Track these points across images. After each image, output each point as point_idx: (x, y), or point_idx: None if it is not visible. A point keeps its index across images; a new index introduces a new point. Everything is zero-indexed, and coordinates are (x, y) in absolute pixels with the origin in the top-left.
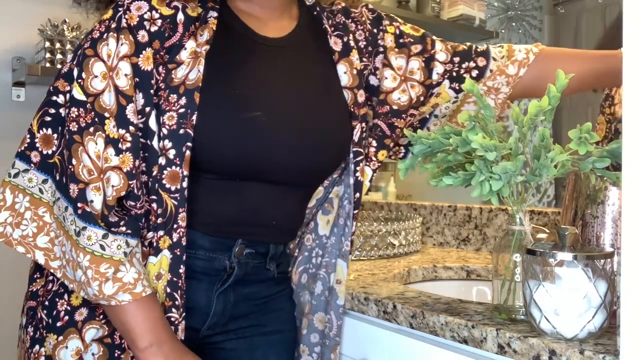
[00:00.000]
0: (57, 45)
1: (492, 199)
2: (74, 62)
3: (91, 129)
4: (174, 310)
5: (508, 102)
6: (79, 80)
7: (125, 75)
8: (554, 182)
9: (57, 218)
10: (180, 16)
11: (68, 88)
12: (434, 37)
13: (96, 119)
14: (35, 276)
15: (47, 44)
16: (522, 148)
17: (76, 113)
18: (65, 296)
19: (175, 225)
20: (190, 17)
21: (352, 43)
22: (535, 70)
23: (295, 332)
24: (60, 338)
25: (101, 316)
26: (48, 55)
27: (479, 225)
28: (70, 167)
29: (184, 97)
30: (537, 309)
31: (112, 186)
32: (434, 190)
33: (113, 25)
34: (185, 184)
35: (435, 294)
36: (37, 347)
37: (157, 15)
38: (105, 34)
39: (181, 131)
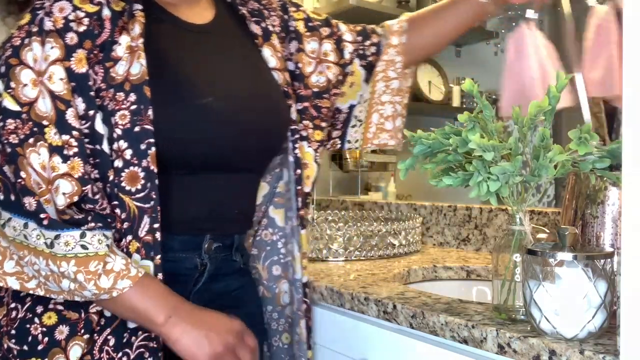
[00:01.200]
0: None
1: (490, 200)
2: None
3: (31, 140)
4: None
5: (406, 72)
6: (9, 91)
7: (61, 79)
8: (554, 182)
9: (14, 240)
10: (106, 12)
11: None
12: (335, 20)
13: (35, 129)
14: None
15: None
16: (522, 148)
17: (13, 125)
18: (36, 319)
19: (142, 227)
20: (116, 12)
21: (270, 28)
22: (413, 34)
23: (264, 324)
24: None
25: (82, 331)
26: None
27: (479, 225)
28: (20, 180)
29: (132, 94)
30: (537, 309)
31: (64, 193)
32: (434, 190)
33: (34, 29)
34: (150, 184)
35: (435, 294)
36: None
37: (82, 14)
38: (27, 39)
39: (137, 129)
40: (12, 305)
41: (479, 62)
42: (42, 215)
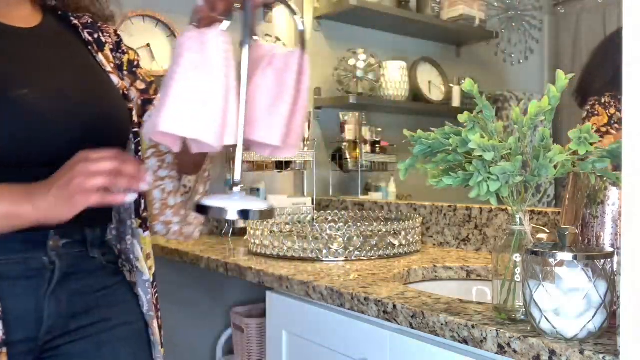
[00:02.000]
0: None
1: (490, 200)
2: None
3: None
4: None
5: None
6: None
7: None
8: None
9: None
10: None
11: None
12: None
13: None
14: None
15: None
16: (522, 148)
17: None
18: None
19: None
20: None
21: (103, 40)
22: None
23: (145, 323)
24: None
25: None
26: None
27: (479, 225)
28: None
29: None
30: (537, 309)
31: None
32: (434, 190)
33: None
34: None
35: (435, 294)
36: None
37: None
38: None
39: None
40: None
41: (479, 62)
42: None
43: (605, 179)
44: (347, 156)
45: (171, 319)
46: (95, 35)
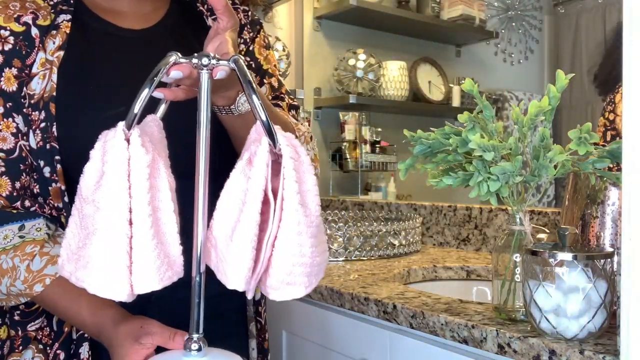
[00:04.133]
0: None
1: (490, 200)
2: None
3: None
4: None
5: None
6: None
7: None
8: (554, 182)
9: None
10: (35, 30)
11: None
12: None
13: None
14: None
15: None
16: (522, 148)
17: None
18: None
19: None
20: (43, 27)
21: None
22: None
23: None
24: None
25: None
26: None
27: (479, 225)
28: None
29: (43, 111)
30: (537, 309)
31: None
32: (434, 191)
33: None
34: (67, 199)
35: (435, 294)
36: None
37: (7, 33)
38: None
39: (47, 146)
40: None
41: (479, 62)
42: None
43: (605, 179)
44: (347, 156)
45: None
46: None
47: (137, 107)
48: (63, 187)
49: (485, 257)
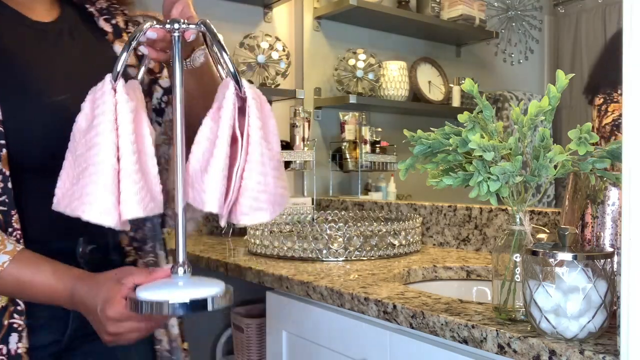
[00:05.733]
0: None
1: (490, 200)
2: None
3: None
4: (16, 316)
5: None
6: None
7: None
8: (554, 182)
9: None
10: None
11: None
12: None
13: None
14: None
15: None
16: (522, 148)
17: None
18: None
19: (10, 231)
20: None
21: (121, 25)
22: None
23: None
24: None
25: None
26: None
27: (479, 225)
28: None
29: None
30: (537, 309)
31: None
32: (434, 191)
33: None
34: (4, 187)
35: (435, 294)
36: None
37: None
38: None
39: None
40: None
41: (479, 62)
42: None
43: (605, 179)
44: (347, 156)
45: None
46: (112, 21)
47: (120, 65)
48: (6, 172)
49: (485, 257)
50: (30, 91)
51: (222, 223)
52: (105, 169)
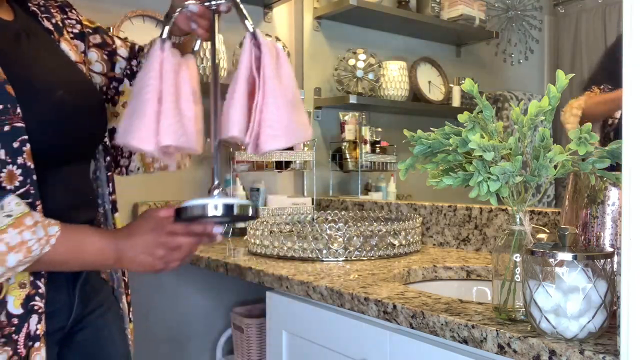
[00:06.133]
0: None
1: (490, 200)
2: None
3: None
4: (37, 298)
5: None
6: None
7: None
8: (554, 182)
9: None
10: None
11: None
12: (111, 32)
13: None
14: None
15: None
16: (522, 148)
17: None
18: None
19: None
20: None
21: (60, 24)
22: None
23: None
24: None
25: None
26: None
27: (479, 225)
28: None
29: None
30: (537, 309)
31: None
32: (434, 190)
33: None
34: (29, 180)
35: (435, 294)
36: None
37: None
38: None
39: (6, 128)
40: None
41: (479, 62)
42: None
43: (605, 179)
44: (347, 156)
45: (171, 319)
46: (53, 20)
47: (165, 32)
48: (30, 165)
49: (485, 257)
50: (36, 87)
51: (249, 151)
52: (149, 107)
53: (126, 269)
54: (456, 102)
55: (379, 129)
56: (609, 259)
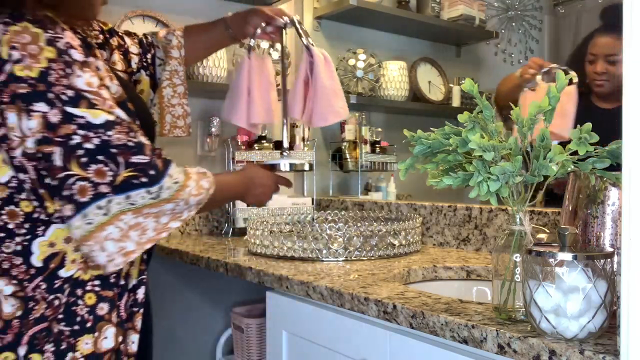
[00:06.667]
0: None
1: (490, 200)
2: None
3: (131, 134)
4: (145, 273)
5: (185, 79)
6: (97, 107)
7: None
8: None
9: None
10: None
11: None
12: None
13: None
14: (18, 314)
15: None
16: (522, 148)
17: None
18: (79, 301)
19: None
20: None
21: (107, 50)
22: (188, 47)
23: None
24: (97, 334)
25: (121, 302)
26: None
27: (479, 225)
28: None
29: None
30: (537, 309)
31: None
32: (434, 191)
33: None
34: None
35: (435, 294)
36: (69, 355)
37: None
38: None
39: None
40: (51, 297)
41: (479, 62)
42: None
43: (605, 179)
44: (347, 156)
45: (171, 319)
46: (105, 54)
47: (252, 42)
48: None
49: (485, 257)
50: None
51: (306, 124)
52: (242, 96)
53: (245, 200)
54: (456, 102)
55: (379, 129)
56: (609, 259)
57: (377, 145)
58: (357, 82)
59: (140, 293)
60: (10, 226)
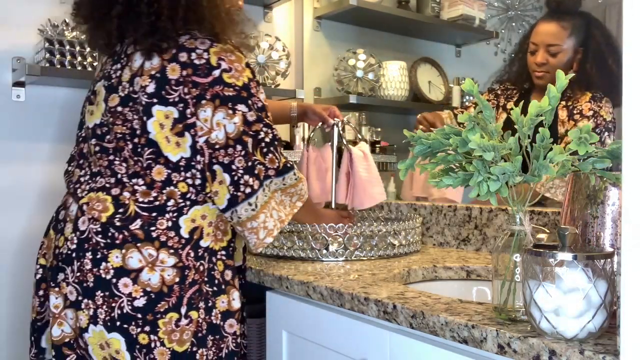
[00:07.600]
0: (57, 45)
1: (490, 200)
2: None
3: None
4: (242, 280)
5: None
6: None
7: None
8: None
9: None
10: None
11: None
12: None
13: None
14: (177, 280)
15: (47, 44)
16: (522, 148)
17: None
18: (215, 267)
19: None
20: None
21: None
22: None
23: None
24: (228, 295)
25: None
26: (48, 55)
27: (479, 225)
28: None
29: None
30: (537, 309)
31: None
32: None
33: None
34: None
35: (435, 294)
36: (214, 311)
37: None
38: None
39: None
40: (197, 263)
41: (479, 62)
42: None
43: (605, 179)
44: None
45: None
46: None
47: (311, 132)
48: None
49: (485, 257)
50: None
51: (349, 207)
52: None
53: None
54: (456, 102)
55: (379, 129)
56: (609, 259)
57: (376, 145)
58: (357, 82)
59: (237, 299)
60: (170, 204)
